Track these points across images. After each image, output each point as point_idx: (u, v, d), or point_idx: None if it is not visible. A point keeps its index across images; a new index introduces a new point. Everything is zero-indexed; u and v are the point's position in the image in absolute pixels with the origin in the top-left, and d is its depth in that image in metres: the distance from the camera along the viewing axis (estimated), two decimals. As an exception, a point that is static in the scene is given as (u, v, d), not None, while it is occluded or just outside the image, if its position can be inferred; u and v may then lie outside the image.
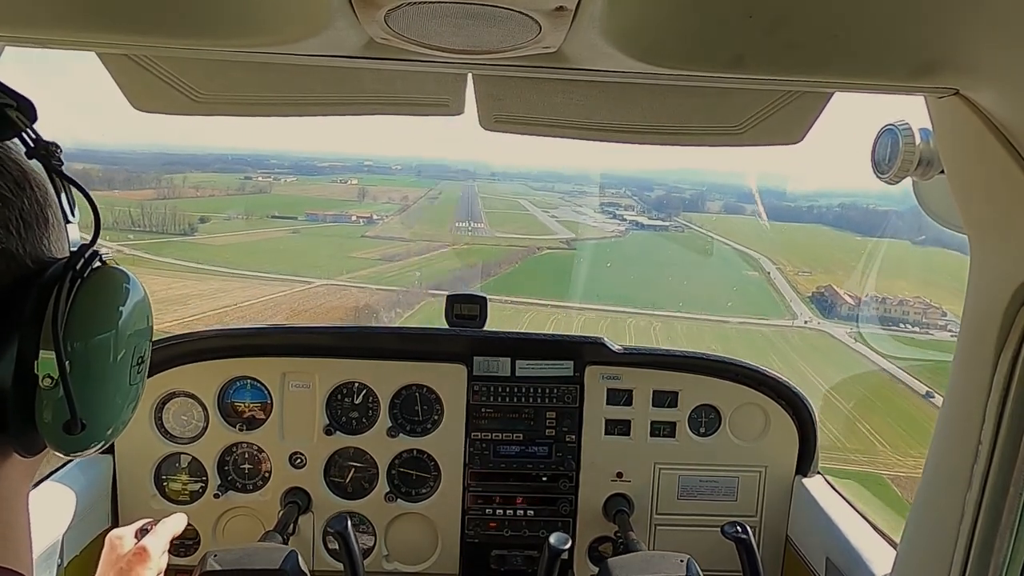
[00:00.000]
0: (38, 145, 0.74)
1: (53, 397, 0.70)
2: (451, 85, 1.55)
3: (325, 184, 36.08)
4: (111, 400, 0.76)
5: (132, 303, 0.78)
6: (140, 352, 0.80)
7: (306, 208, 31.64)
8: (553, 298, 22.27)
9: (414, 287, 23.49)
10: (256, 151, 42.05)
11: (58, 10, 0.92)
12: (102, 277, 0.76)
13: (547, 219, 33.69)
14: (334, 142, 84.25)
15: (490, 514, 2.49)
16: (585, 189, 37.56)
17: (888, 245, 14.05)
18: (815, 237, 26.71)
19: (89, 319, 0.73)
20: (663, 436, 2.50)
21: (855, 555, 2.05)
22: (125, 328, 0.77)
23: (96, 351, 0.74)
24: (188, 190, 31.10)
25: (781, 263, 23.89)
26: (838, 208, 26.25)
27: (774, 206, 26.23)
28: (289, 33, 0.99)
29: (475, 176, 39.50)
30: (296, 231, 29.92)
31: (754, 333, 19.64)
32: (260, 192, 33.30)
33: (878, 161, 1.42)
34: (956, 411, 1.29)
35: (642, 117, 1.61)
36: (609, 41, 0.95)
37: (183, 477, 2.45)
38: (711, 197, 32.74)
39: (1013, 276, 1.14)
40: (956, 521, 1.25)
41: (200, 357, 2.42)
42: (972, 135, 1.08)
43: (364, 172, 39.07)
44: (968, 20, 0.88)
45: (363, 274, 24.93)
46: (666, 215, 32.01)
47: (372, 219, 31.90)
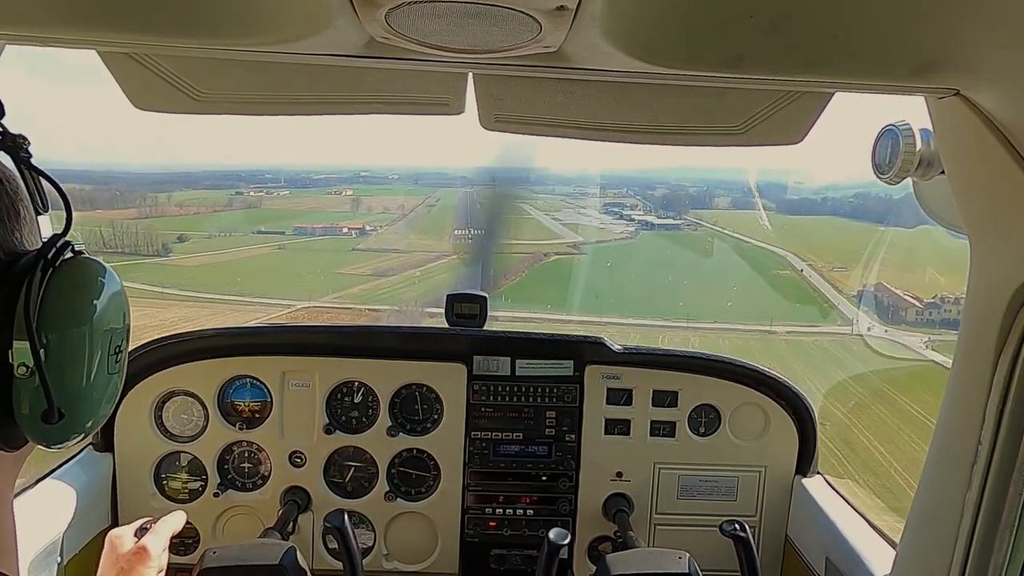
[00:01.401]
0: (6, 138, 0.74)
1: (29, 387, 0.70)
2: (452, 84, 1.55)
3: (318, 196, 34.57)
4: (88, 389, 0.77)
5: (107, 293, 0.78)
6: (117, 342, 0.80)
7: (295, 221, 30.08)
8: (568, 311, 19.58)
9: (409, 306, 21.07)
10: (250, 167, 41.01)
11: (59, 9, 0.92)
12: (75, 267, 0.76)
13: (551, 223, 32.32)
14: (330, 154, 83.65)
15: (490, 513, 2.49)
16: (587, 190, 35.96)
17: (929, 234, 10.69)
18: (838, 229, 24.14)
19: (61, 308, 0.73)
20: (663, 436, 2.50)
21: (855, 555, 2.04)
22: (99, 317, 0.77)
23: (70, 340, 0.74)
24: (171, 208, 29.79)
25: (811, 259, 21.42)
26: (852, 199, 23.50)
27: (784, 199, 24.53)
28: (290, 32, 0.99)
29: (474, 182, 38.73)
30: (282, 247, 28.18)
31: (808, 345, 16.32)
32: (249, 207, 31.96)
33: (879, 162, 1.42)
34: (956, 411, 1.29)
35: (642, 117, 1.61)
36: (609, 41, 0.95)
37: (183, 476, 2.45)
38: (718, 193, 30.98)
39: (1013, 276, 1.14)
40: (956, 521, 1.25)
41: (200, 356, 2.42)
42: (972, 135, 1.08)
43: (360, 183, 37.78)
44: (968, 20, 0.88)
45: (353, 292, 22.79)
46: (676, 213, 30.56)
47: (364, 230, 30.29)
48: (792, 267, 21.77)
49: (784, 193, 24.60)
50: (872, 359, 13.98)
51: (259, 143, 44.99)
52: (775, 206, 25.67)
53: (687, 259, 26.52)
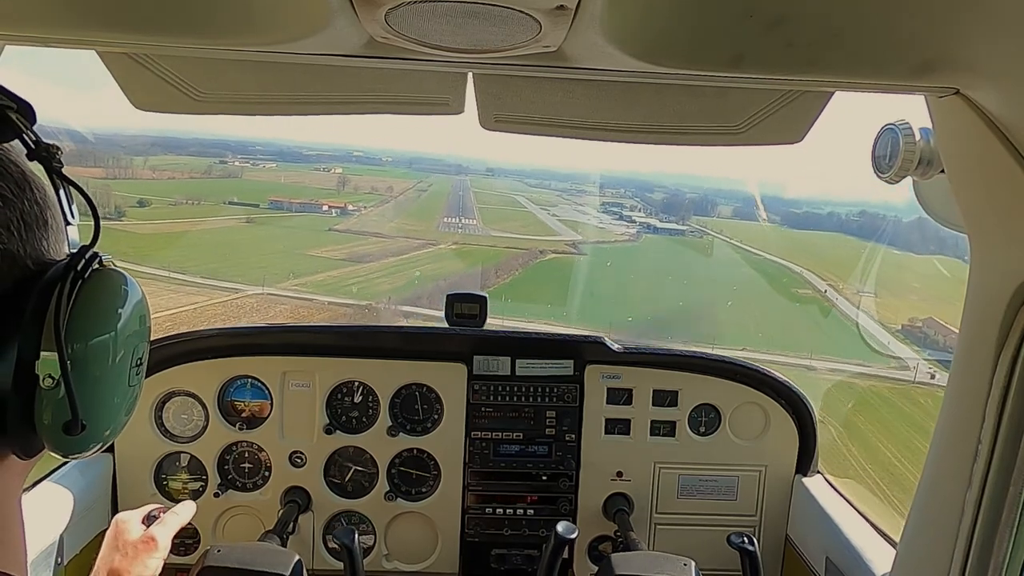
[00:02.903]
0: (38, 147, 0.74)
1: (53, 398, 0.70)
2: (451, 84, 1.55)
3: (305, 172, 32.23)
4: (110, 401, 0.77)
5: (131, 305, 0.79)
6: (139, 354, 0.81)
7: (271, 195, 27.56)
8: (568, 319, 17.43)
9: (381, 301, 17.81)
10: (241, 137, 39.09)
11: (59, 9, 0.92)
12: (102, 278, 0.76)
13: (548, 218, 30.59)
14: (326, 132, 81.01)
15: (490, 513, 2.49)
16: (584, 188, 34.51)
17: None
18: (850, 248, 20.59)
19: (89, 320, 0.73)
20: (663, 435, 2.50)
21: (855, 554, 2.05)
22: (124, 329, 0.77)
23: (96, 352, 0.74)
24: (143, 172, 27.35)
25: (829, 278, 18.24)
26: (858, 217, 21.58)
27: (788, 212, 23.15)
28: (289, 32, 0.99)
29: (469, 171, 35.39)
30: (250, 220, 25.55)
31: (866, 391, 11.98)
32: (229, 176, 29.66)
33: (878, 160, 1.42)
34: (956, 411, 1.29)
35: (642, 116, 1.61)
36: (609, 40, 0.95)
37: (183, 476, 2.45)
38: (719, 200, 29.63)
39: (1013, 276, 1.14)
40: (956, 520, 1.25)
41: (200, 356, 2.42)
42: (972, 134, 1.08)
43: (352, 162, 35.73)
44: (968, 19, 0.88)
45: (318, 280, 19.56)
46: (679, 218, 29.33)
47: (346, 210, 27.95)
48: (812, 286, 18.75)
49: (787, 206, 23.38)
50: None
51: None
52: (779, 219, 24.25)
53: (697, 268, 24.27)
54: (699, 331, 17.26)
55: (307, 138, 48.73)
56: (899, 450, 9.34)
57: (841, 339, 16.10)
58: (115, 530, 1.67)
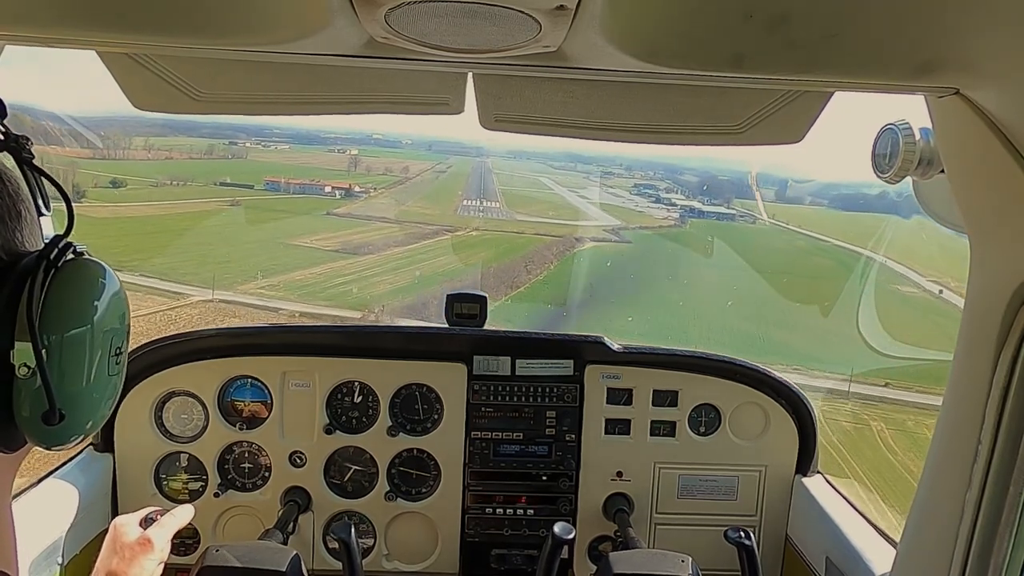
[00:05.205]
0: (8, 138, 0.74)
1: (30, 387, 0.70)
2: (451, 84, 1.55)
3: (319, 153, 29.59)
4: (89, 391, 0.77)
5: (107, 294, 0.79)
6: (117, 343, 0.80)
7: (267, 175, 24.34)
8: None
9: (375, 310, 13.67)
10: (262, 122, 37.65)
11: (59, 9, 0.92)
12: (76, 268, 0.77)
13: (579, 200, 26.38)
14: (347, 119, 77.98)
15: (490, 513, 2.49)
16: (611, 170, 30.47)
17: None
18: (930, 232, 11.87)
19: (63, 309, 0.73)
20: (663, 435, 2.50)
21: (855, 554, 2.04)
22: (100, 319, 0.77)
23: (71, 341, 0.74)
24: (138, 152, 24.58)
25: (932, 274, 12.96)
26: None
27: (833, 194, 19.93)
28: (290, 32, 0.99)
29: (490, 153, 31.48)
30: (235, 203, 21.98)
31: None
32: (234, 157, 27.04)
33: (878, 160, 1.42)
34: (956, 411, 1.29)
35: (642, 116, 1.61)
36: (609, 40, 0.95)
37: (183, 476, 2.45)
38: (759, 184, 24.67)
39: (1013, 275, 1.14)
40: (956, 520, 1.25)
41: (200, 356, 2.42)
42: (972, 134, 1.08)
43: (371, 144, 33.27)
44: (968, 19, 0.88)
45: (294, 279, 15.30)
46: (724, 200, 25.32)
47: (352, 191, 24.66)
48: (914, 284, 13.28)
49: (828, 189, 20.38)
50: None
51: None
52: (827, 202, 21.29)
53: (772, 258, 19.57)
54: (792, 350, 11.93)
55: (328, 124, 46.67)
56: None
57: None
58: (113, 533, 1.67)
